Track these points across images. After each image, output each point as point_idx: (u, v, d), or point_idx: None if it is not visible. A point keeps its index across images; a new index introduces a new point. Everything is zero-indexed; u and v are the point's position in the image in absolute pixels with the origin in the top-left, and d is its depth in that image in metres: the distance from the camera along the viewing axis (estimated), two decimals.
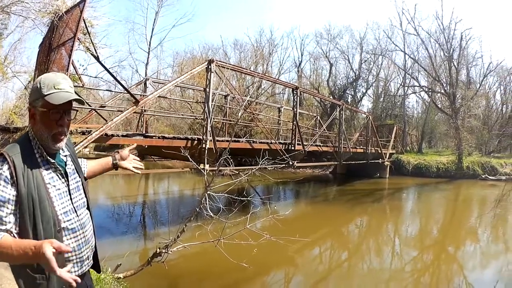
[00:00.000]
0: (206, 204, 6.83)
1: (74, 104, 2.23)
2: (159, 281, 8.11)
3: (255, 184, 23.22)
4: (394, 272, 10.01)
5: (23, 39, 20.97)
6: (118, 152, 3.03)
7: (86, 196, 2.42)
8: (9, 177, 1.95)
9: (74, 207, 2.25)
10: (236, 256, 7.19)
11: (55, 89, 2.09)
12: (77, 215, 2.26)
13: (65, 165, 2.29)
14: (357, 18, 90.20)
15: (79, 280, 1.85)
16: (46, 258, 1.70)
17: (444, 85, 38.41)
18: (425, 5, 54.71)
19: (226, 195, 7.43)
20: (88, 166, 2.84)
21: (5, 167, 1.96)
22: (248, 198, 8.14)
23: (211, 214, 6.81)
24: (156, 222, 15.12)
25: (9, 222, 1.93)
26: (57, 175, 2.20)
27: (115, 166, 2.98)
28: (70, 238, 2.19)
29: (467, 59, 42.77)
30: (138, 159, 3.11)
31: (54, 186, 2.16)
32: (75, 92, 2.20)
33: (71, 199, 2.25)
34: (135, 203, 19.18)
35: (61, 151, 2.29)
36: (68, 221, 2.18)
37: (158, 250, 6.68)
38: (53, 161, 2.19)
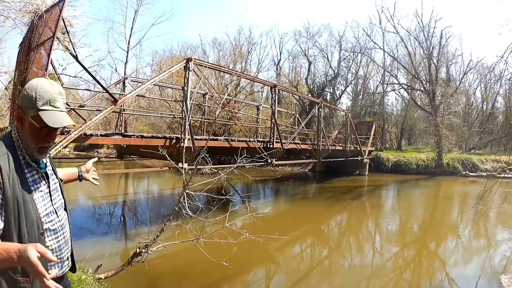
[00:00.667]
0: (185, 203, 6.83)
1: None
2: (140, 281, 8.10)
3: (234, 183, 23.27)
4: (375, 269, 10.05)
5: (4, 39, 20.78)
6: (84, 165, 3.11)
7: (63, 197, 2.43)
8: None
9: (54, 209, 2.26)
10: (216, 255, 7.21)
11: (51, 106, 2.09)
12: (57, 216, 2.27)
13: (45, 166, 2.30)
14: (336, 17, 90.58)
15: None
16: (31, 262, 1.69)
17: (424, 82, 38.79)
18: (405, 3, 55.49)
19: (205, 193, 7.44)
20: None
21: None
22: (227, 197, 8.21)
23: (190, 213, 6.82)
24: (136, 222, 15.05)
25: None
26: (39, 177, 2.21)
27: (80, 178, 3.04)
28: (52, 239, 2.20)
29: (447, 57, 43.48)
30: (96, 173, 3.17)
31: (38, 188, 2.16)
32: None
33: (51, 200, 2.25)
34: (115, 203, 19.07)
35: None
36: (49, 222, 2.19)
37: (138, 250, 6.68)
38: (35, 166, 2.19)
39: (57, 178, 2.41)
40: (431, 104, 37.15)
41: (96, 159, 3.49)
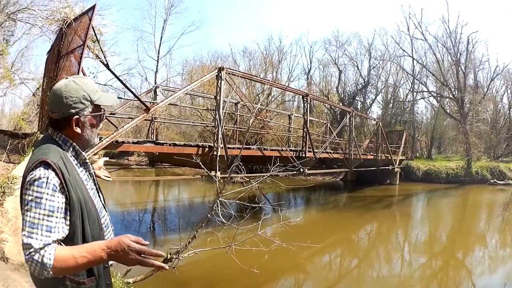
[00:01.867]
0: (218, 210, 6.83)
1: None
2: (168, 286, 8.13)
3: (265, 192, 23.17)
4: (403, 279, 9.98)
5: (31, 46, 21.18)
6: (96, 162, 3.08)
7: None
8: (57, 184, 1.88)
9: (103, 204, 2.29)
10: (246, 262, 7.20)
11: (98, 92, 2.16)
12: (106, 211, 2.30)
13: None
14: (365, 24, 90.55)
15: (166, 267, 1.92)
16: (135, 249, 1.76)
17: (452, 89, 38.28)
18: (432, 9, 54.83)
19: (237, 201, 7.43)
20: None
21: (52, 174, 1.89)
22: (260, 205, 8.14)
23: (223, 220, 6.80)
24: (165, 229, 15.12)
25: (59, 232, 1.87)
26: (89, 176, 2.23)
27: None
28: (106, 234, 2.20)
29: (474, 63, 42.56)
30: (107, 172, 3.16)
31: (90, 186, 2.18)
32: None
33: (99, 196, 2.27)
34: (145, 210, 19.21)
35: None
36: (102, 217, 2.20)
37: (168, 255, 6.68)
38: (88, 161, 2.22)
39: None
40: (460, 112, 36.56)
41: (107, 158, 3.53)
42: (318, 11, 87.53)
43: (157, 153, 12.52)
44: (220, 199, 6.93)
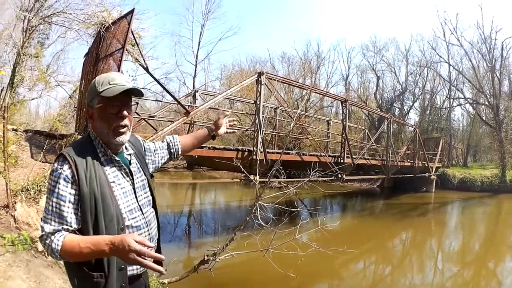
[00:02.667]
0: (257, 213, 6.82)
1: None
2: None
3: (302, 197, 23.06)
4: None
5: (66, 49, 21.54)
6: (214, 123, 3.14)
7: (152, 194, 2.42)
8: (69, 176, 1.97)
9: (139, 205, 2.26)
10: (282, 266, 7.19)
11: (110, 84, 2.11)
12: (143, 213, 2.27)
13: (130, 163, 2.31)
14: (401, 30, 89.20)
15: (164, 272, 1.94)
16: (135, 250, 1.76)
17: (488, 96, 37.41)
18: (466, 14, 53.49)
19: (276, 205, 7.41)
20: (181, 141, 2.94)
21: (66, 166, 1.98)
22: (298, 209, 8.12)
23: (262, 223, 6.79)
24: (200, 232, 15.23)
25: (71, 221, 1.96)
26: (122, 174, 2.22)
27: (213, 137, 3.10)
28: (131, 233, 2.14)
29: (508, 69, 41.34)
30: (228, 123, 3.21)
31: (119, 184, 2.17)
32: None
33: (136, 197, 2.26)
34: (181, 212, 19.38)
35: (125, 150, 2.32)
36: (133, 219, 2.19)
37: (206, 257, 6.71)
38: (117, 159, 2.21)
39: (145, 176, 2.41)
40: (495, 119, 35.68)
41: (229, 113, 3.46)
42: (356, 17, 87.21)
43: (196, 156, 12.58)
44: (259, 202, 6.92)
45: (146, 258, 1.79)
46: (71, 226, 1.94)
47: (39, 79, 14.79)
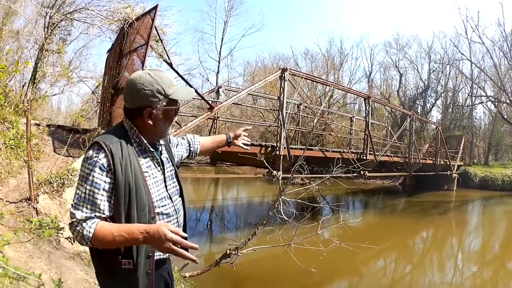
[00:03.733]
0: (280, 208, 6.83)
1: None
2: (224, 282, 8.23)
3: (324, 194, 23.01)
4: (454, 287, 9.93)
5: (88, 46, 21.79)
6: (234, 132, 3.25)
7: (179, 184, 2.47)
8: (105, 164, 1.99)
9: (169, 194, 2.31)
10: (303, 261, 7.18)
11: (174, 86, 2.21)
12: (172, 201, 2.32)
13: (160, 154, 2.36)
14: (424, 27, 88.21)
15: (197, 261, 2.01)
16: (171, 239, 1.82)
17: (509, 94, 37.12)
18: (488, 12, 52.56)
19: (299, 200, 7.41)
20: (201, 142, 3.04)
21: (102, 155, 2.00)
22: (320, 205, 8.11)
23: (285, 217, 6.81)
24: (222, 228, 15.32)
25: (104, 209, 1.98)
26: (154, 164, 2.27)
27: (229, 144, 3.21)
28: (165, 223, 2.20)
29: None
30: (247, 139, 3.31)
31: (152, 174, 2.22)
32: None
33: (165, 186, 2.31)
34: (203, 208, 19.50)
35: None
36: (163, 206, 2.23)
37: (228, 251, 6.75)
38: (151, 150, 2.25)
39: (173, 166, 2.47)
40: None
41: (249, 127, 3.59)
42: (378, 14, 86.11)
43: (220, 151, 12.64)
44: (282, 197, 6.93)
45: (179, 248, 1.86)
46: (103, 214, 1.97)
47: (61, 75, 14.97)
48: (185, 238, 1.89)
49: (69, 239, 4.10)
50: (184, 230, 2.44)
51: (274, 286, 8.66)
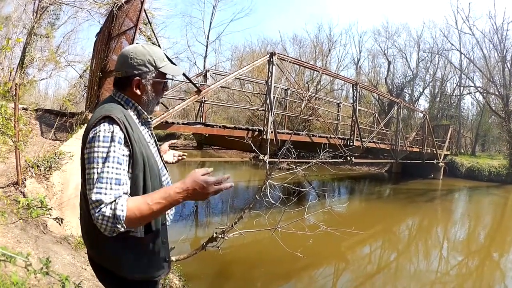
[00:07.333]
0: (267, 192, 6.84)
1: None
2: (210, 266, 8.28)
3: (311, 179, 23.08)
4: (439, 275, 9.97)
5: (77, 30, 21.63)
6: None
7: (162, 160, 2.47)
8: (122, 138, 1.95)
9: (164, 163, 2.39)
10: (290, 246, 7.23)
11: (165, 61, 2.24)
12: (167, 171, 2.41)
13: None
14: (414, 16, 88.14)
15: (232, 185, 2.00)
16: (214, 181, 1.88)
17: (498, 86, 37.41)
18: (479, 4, 52.84)
19: (286, 184, 7.42)
20: None
21: (117, 128, 1.94)
22: (307, 189, 8.14)
23: (272, 201, 6.82)
24: (208, 212, 15.28)
25: (127, 184, 1.92)
26: (150, 135, 2.31)
27: None
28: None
29: None
30: (176, 154, 3.17)
31: (152, 144, 2.28)
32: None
33: (161, 157, 2.37)
34: None
35: None
36: (163, 175, 2.29)
37: (214, 235, 6.72)
38: (149, 120, 2.31)
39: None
40: (504, 110, 35.42)
41: (175, 141, 3.71)
42: (369, 0, 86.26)
43: (206, 135, 12.60)
44: (269, 181, 6.94)
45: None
46: (128, 190, 1.92)
47: (49, 59, 14.87)
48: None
49: (57, 220, 4.05)
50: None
51: (260, 270, 8.67)
